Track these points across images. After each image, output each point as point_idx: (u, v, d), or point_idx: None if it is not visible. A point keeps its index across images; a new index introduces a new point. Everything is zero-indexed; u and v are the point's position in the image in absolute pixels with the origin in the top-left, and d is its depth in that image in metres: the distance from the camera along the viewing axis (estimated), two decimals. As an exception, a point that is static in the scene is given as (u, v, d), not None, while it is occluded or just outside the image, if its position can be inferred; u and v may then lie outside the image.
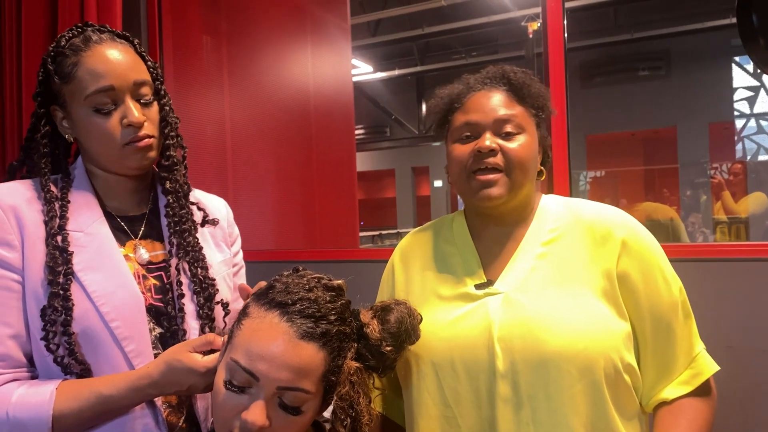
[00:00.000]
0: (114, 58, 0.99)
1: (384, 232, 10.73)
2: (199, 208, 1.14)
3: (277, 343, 0.81)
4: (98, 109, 0.98)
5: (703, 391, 1.02)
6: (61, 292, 0.94)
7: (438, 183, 13.50)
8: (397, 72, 10.58)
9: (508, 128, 1.02)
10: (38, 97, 1.04)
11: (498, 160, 1.00)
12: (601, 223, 1.03)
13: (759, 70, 9.23)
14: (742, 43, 1.34)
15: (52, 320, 0.93)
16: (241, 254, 1.23)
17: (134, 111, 0.99)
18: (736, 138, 10.02)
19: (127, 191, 1.08)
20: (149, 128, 1.02)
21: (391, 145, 13.10)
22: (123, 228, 1.06)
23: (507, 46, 9.58)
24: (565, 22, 1.60)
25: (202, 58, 2.35)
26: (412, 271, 1.13)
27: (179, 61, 2.11)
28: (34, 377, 0.96)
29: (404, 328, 0.94)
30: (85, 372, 0.95)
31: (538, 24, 7.07)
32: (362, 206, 3.80)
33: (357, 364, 0.90)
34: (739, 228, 5.07)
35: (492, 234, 1.08)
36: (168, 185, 1.09)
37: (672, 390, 1.00)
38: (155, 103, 1.05)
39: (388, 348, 0.92)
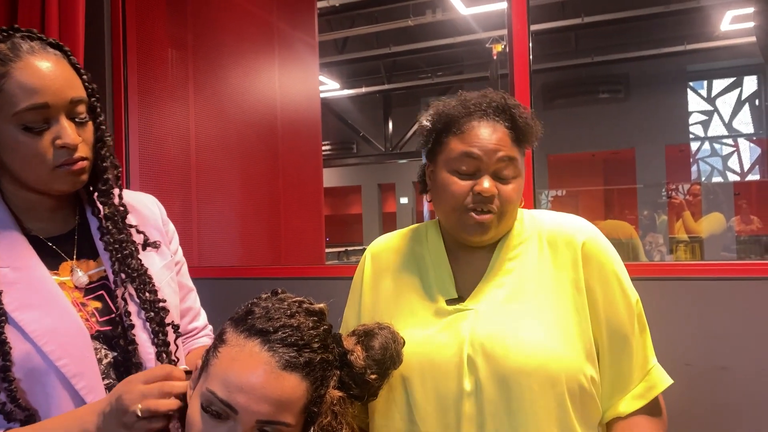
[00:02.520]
0: (49, 72, 0.89)
1: (350, 248, 10.73)
2: (139, 231, 1.06)
3: (257, 374, 0.77)
4: (28, 128, 0.88)
5: (655, 411, 1.03)
6: None
7: (404, 200, 13.56)
8: (364, 89, 10.65)
9: (507, 172, 1.01)
10: None
11: (494, 204, 1.00)
12: (562, 233, 1.05)
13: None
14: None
15: None
16: (180, 251, 1.16)
17: (69, 132, 0.90)
18: (691, 160, 10.39)
19: (50, 209, 0.99)
20: (83, 150, 0.93)
21: (357, 161, 13.15)
22: (53, 250, 0.97)
23: (472, 67, 9.77)
24: (530, 44, 1.64)
25: (167, 72, 2.31)
26: (384, 281, 1.12)
27: (144, 74, 2.07)
28: None
29: (389, 355, 0.92)
30: (29, 418, 0.87)
31: (503, 46, 7.23)
32: (328, 222, 3.79)
33: (340, 394, 0.87)
34: (694, 247, 5.25)
35: (466, 250, 1.08)
36: (106, 210, 1.01)
37: (627, 403, 1.01)
38: (90, 122, 0.96)
39: (373, 376, 0.89)
